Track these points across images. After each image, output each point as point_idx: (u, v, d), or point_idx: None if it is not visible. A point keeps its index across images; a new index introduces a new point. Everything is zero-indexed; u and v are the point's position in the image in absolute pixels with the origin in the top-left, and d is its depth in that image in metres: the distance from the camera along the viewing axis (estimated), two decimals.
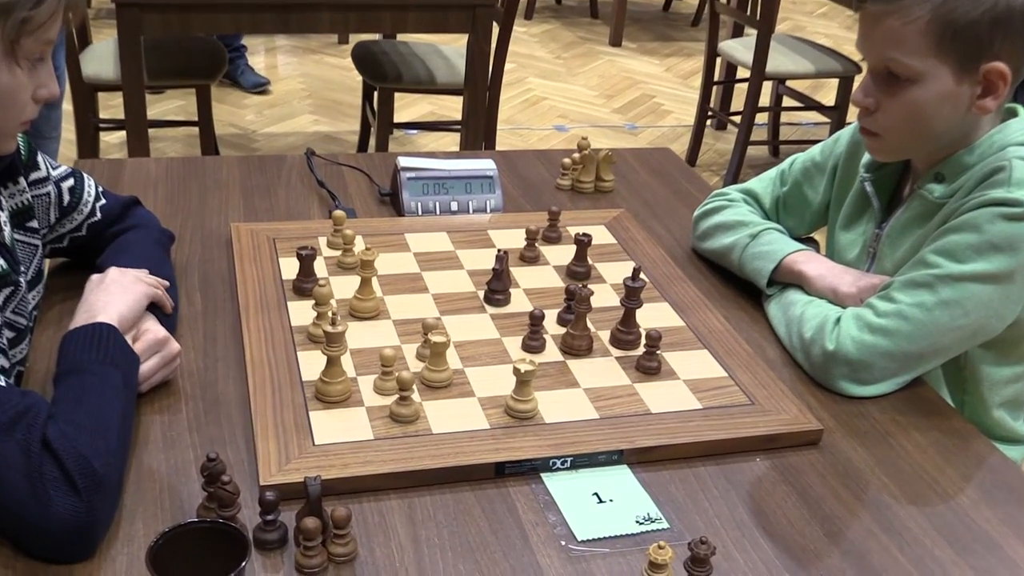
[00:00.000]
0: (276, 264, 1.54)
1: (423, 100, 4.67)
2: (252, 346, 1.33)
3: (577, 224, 1.75)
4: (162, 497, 1.10)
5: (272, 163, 1.95)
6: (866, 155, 1.53)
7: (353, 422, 1.21)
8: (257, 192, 1.82)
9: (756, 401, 1.32)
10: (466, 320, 1.45)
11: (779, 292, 1.53)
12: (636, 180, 2.03)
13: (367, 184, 1.89)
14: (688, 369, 1.38)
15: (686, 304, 1.53)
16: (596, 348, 1.41)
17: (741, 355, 1.41)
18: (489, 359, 1.36)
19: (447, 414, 1.24)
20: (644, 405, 1.30)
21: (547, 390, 1.31)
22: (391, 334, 1.40)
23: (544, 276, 1.59)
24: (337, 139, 4.21)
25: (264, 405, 1.22)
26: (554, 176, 1.98)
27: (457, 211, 1.77)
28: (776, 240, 1.55)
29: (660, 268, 1.63)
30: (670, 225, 1.84)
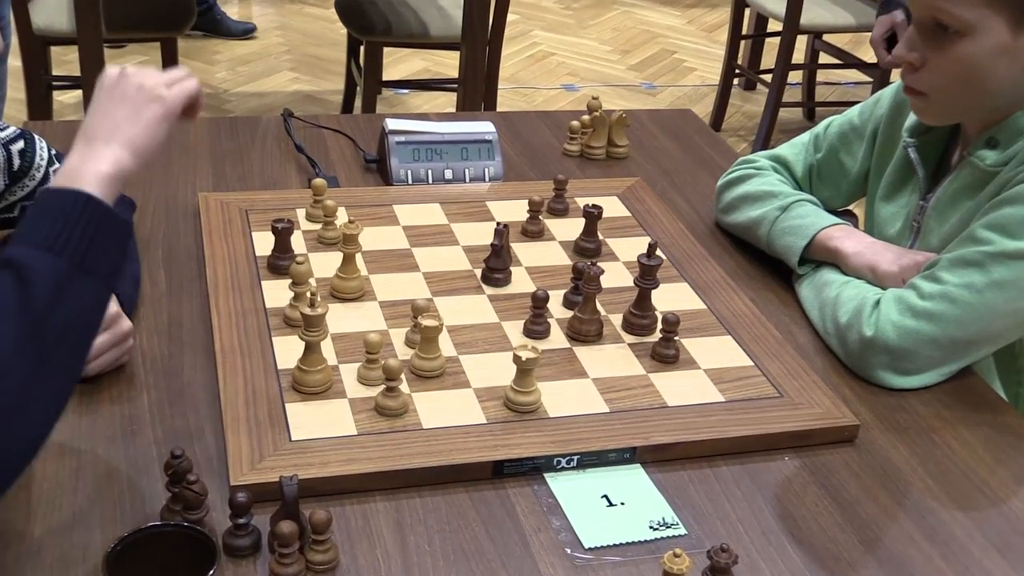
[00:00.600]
0: (249, 239, 1.54)
1: (415, 56, 4.66)
2: (222, 330, 1.33)
3: (586, 194, 1.74)
4: (121, 499, 1.11)
5: (245, 126, 1.94)
6: (911, 118, 1.52)
7: (334, 415, 1.22)
8: (228, 158, 1.82)
9: (785, 393, 1.32)
10: (461, 302, 1.44)
11: (812, 272, 1.53)
12: (653, 145, 2.02)
13: (351, 149, 1.89)
14: (709, 357, 1.38)
15: (708, 285, 1.53)
16: (606, 334, 1.41)
17: (769, 342, 1.41)
18: (487, 345, 1.36)
19: (439, 407, 1.25)
20: (660, 397, 1.30)
21: (551, 380, 1.31)
22: (377, 317, 1.39)
23: (549, 253, 1.58)
24: (318, 99, 4.21)
25: (235, 396, 1.23)
26: (561, 141, 1.98)
27: (452, 180, 1.77)
28: (809, 213, 1.55)
29: (679, 244, 1.63)
30: (691, 196, 1.84)
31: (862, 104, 1.65)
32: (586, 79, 4.67)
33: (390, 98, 4.27)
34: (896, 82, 1.53)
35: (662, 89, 4.65)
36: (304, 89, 4.29)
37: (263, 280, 1.44)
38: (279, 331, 1.34)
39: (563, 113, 2.16)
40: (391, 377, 1.21)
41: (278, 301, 1.39)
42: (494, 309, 1.44)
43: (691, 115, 2.21)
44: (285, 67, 4.47)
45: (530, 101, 4.41)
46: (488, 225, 1.61)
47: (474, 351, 1.35)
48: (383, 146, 1.77)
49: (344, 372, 1.28)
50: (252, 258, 1.49)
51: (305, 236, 1.56)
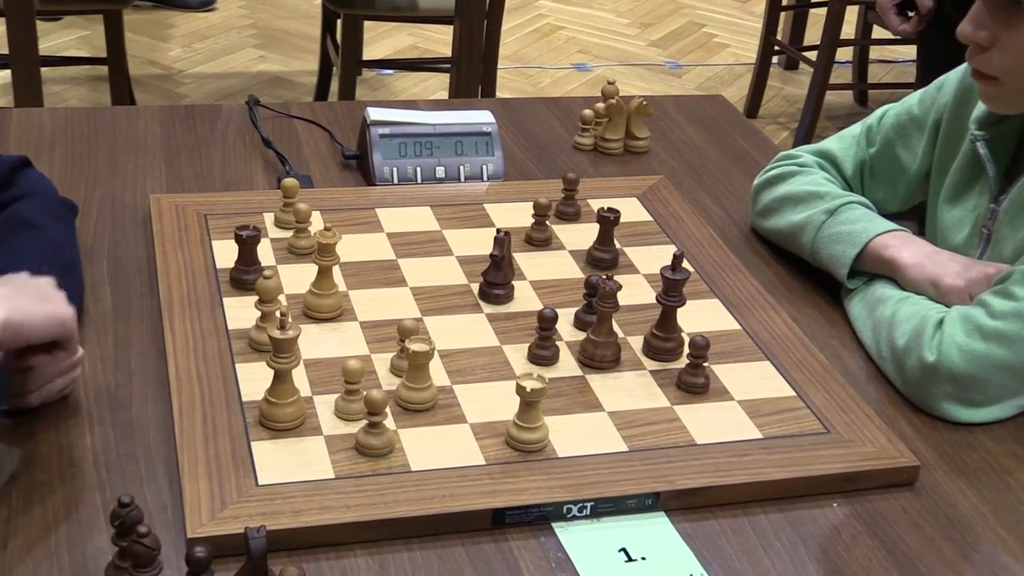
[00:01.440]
0: (208, 248, 1.54)
1: (401, 31, 4.67)
2: (177, 356, 1.34)
3: (601, 196, 1.75)
4: (59, 554, 1.11)
5: (203, 115, 1.95)
6: (979, 107, 1.53)
7: (308, 456, 1.22)
8: (184, 153, 1.83)
9: (833, 428, 1.33)
10: (455, 322, 1.45)
11: (864, 286, 1.53)
12: (679, 138, 2.03)
13: (327, 143, 1.89)
14: (744, 387, 1.38)
15: (742, 301, 1.54)
16: (624, 359, 1.41)
17: (814, 368, 1.42)
18: (485, 374, 1.37)
19: (430, 446, 1.25)
20: (687, 434, 1.30)
21: (560, 414, 1.31)
22: (358, 341, 1.40)
23: (557, 265, 1.59)
24: (289, 82, 4.22)
25: (192, 433, 1.23)
26: (572, 132, 1.99)
27: (444, 179, 1.77)
28: (860, 218, 1.56)
29: (709, 254, 1.64)
30: (723, 197, 1.84)
31: (923, 90, 1.66)
32: (600, 57, 4.69)
33: (372, 80, 4.28)
34: (963, 65, 1.54)
35: (689, 69, 4.66)
36: (272, 70, 4.30)
37: (225, 297, 1.45)
38: (244, 357, 1.35)
39: (573, 99, 2.17)
40: (374, 411, 1.21)
41: (242, 322, 1.40)
42: (494, 331, 1.44)
43: (722, 101, 2.21)
44: (249, 44, 4.48)
45: (535, 84, 4.42)
46: (487, 232, 1.61)
47: (471, 380, 1.35)
48: (364, 139, 1.78)
49: (319, 405, 1.29)
50: (212, 271, 1.50)
51: (274, 245, 1.57)
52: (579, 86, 4.40)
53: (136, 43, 4.29)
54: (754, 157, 1.97)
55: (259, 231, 1.47)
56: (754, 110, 4.26)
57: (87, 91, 3.99)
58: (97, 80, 4.01)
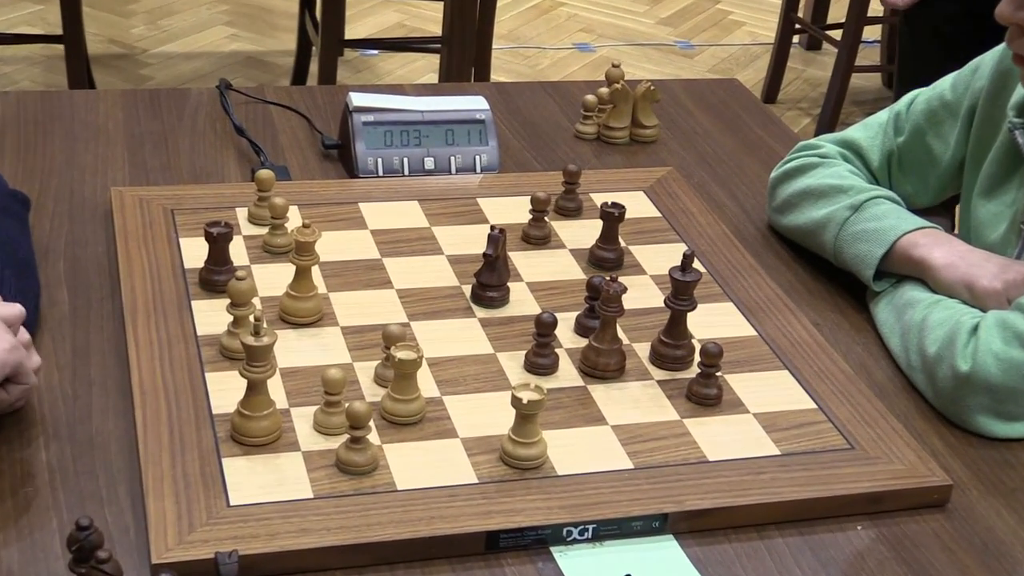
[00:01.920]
0: (176, 247, 1.55)
1: (387, 7, 4.67)
2: (141, 364, 1.34)
3: (605, 190, 1.76)
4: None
5: (170, 100, 1.95)
6: (1018, 92, 1.53)
7: (284, 473, 1.22)
8: (149, 142, 1.83)
9: (857, 444, 1.33)
10: (446, 328, 1.46)
11: (892, 288, 1.54)
12: (690, 125, 2.03)
13: (306, 131, 1.90)
14: (761, 398, 1.39)
15: (759, 305, 1.54)
16: (630, 368, 1.42)
17: (837, 378, 1.43)
18: (478, 384, 1.37)
19: (418, 462, 1.25)
20: (698, 450, 1.31)
21: (560, 428, 1.32)
22: (339, 348, 1.41)
23: (557, 265, 1.60)
24: (264, 64, 4.22)
25: (158, 448, 1.23)
26: (573, 120, 1.99)
27: (434, 171, 1.78)
28: (887, 214, 1.56)
29: (722, 253, 1.64)
30: (737, 191, 1.85)
31: (957, 74, 1.66)
32: (605, 37, 4.69)
33: (355, 62, 4.29)
34: (1001, 46, 1.54)
35: (701, 50, 4.66)
36: (245, 50, 4.30)
37: (194, 300, 1.45)
38: (214, 365, 1.35)
39: (575, 83, 2.17)
40: (357, 424, 1.22)
41: (213, 327, 1.40)
42: (487, 337, 1.45)
43: (738, 85, 2.22)
44: (220, 21, 4.48)
45: (533, 66, 4.42)
46: (480, 229, 1.62)
47: (462, 391, 1.36)
48: (346, 127, 1.78)
49: (297, 418, 1.29)
50: (180, 272, 1.50)
51: (247, 243, 1.57)
52: (581, 68, 4.40)
53: (95, 19, 4.29)
54: (772, 147, 1.97)
55: (231, 228, 1.48)
56: (772, 95, 4.26)
57: (41, 72, 3.99)
58: (52, 60, 4.01)
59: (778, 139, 2.00)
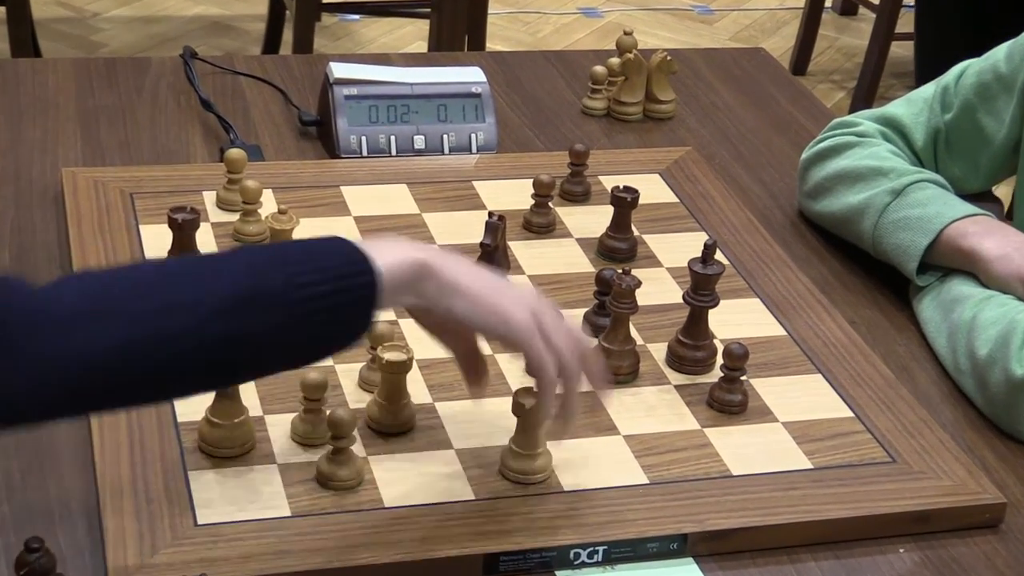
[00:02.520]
0: (135, 234, 1.54)
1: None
2: None
3: (616, 172, 1.75)
4: None
5: (128, 70, 1.95)
6: None
7: (258, 489, 1.22)
8: (104, 117, 1.83)
9: (899, 457, 1.33)
10: None
11: (937, 283, 1.54)
12: (710, 100, 2.03)
13: (280, 106, 1.89)
14: (791, 405, 1.39)
15: (789, 301, 1.54)
16: (644, 371, 1.42)
17: (876, 383, 1.42)
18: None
19: (408, 477, 1.25)
20: (721, 463, 1.31)
21: (569, 437, 1.30)
22: None
23: (562, 256, 1.60)
24: (232, 30, 4.22)
25: (116, 460, 1.23)
26: (579, 94, 1.99)
27: (425, 150, 1.78)
28: (933, 199, 1.56)
29: (748, 243, 1.64)
30: (764, 173, 1.85)
31: (1012, 43, 1.66)
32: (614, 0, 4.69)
33: (334, 28, 4.28)
34: None
35: (722, 15, 4.67)
36: (210, 14, 4.30)
37: None
38: None
39: (582, 53, 2.17)
40: (339, 434, 1.21)
41: None
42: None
43: (764, 55, 2.22)
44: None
45: (534, 33, 4.42)
46: (476, 216, 1.61)
47: (457, 396, 1.35)
48: (326, 102, 1.78)
49: (272, 426, 1.29)
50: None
51: (216, 231, 1.57)
52: (588, 36, 4.40)
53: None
54: (802, 124, 1.97)
55: (198, 214, 1.47)
56: (802, 66, 4.26)
57: None
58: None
59: (809, 115, 2.01)
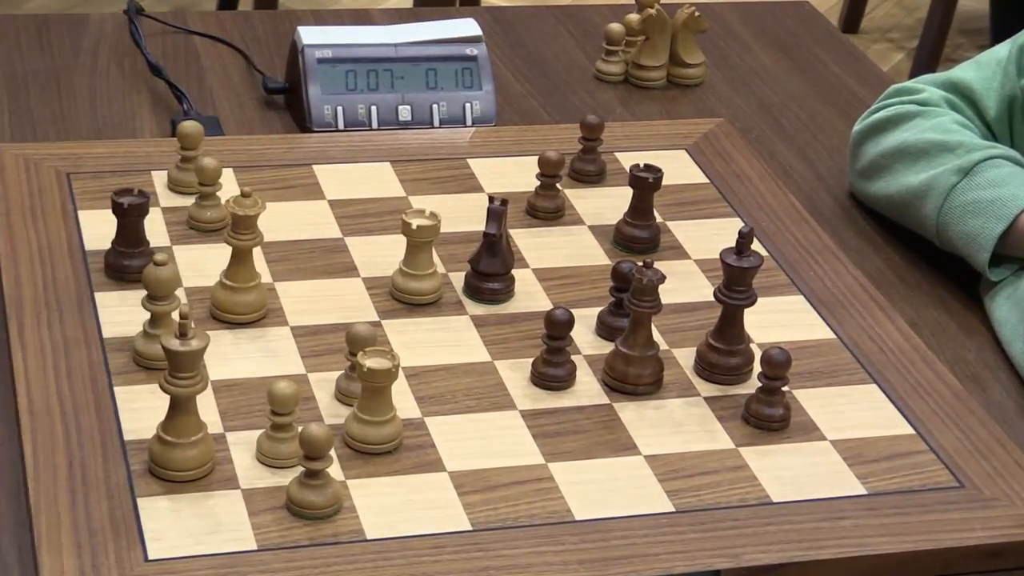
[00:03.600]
0: (74, 221, 1.56)
1: None
2: (29, 376, 1.35)
3: (635, 148, 1.77)
4: None
5: (63, 29, 1.96)
6: None
7: (219, 518, 1.23)
8: (35, 85, 1.84)
9: (968, 481, 1.34)
10: (428, 328, 1.47)
11: (1013, 278, 1.55)
12: (746, 64, 2.05)
13: (242, 71, 1.91)
14: (841, 420, 1.40)
15: (838, 299, 1.56)
16: (669, 381, 1.43)
17: (942, 395, 1.44)
18: (471, 401, 1.39)
19: (393, 504, 1.26)
20: (759, 488, 1.32)
21: (578, 458, 1.33)
22: (289, 354, 1.42)
23: (572, 246, 1.61)
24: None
25: (53, 486, 1.24)
26: (593, 56, 2.00)
27: (411, 123, 1.79)
28: (1009, 179, 1.57)
29: (790, 231, 1.66)
30: (810, 149, 1.86)
31: None
32: None
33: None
34: None
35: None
36: None
37: (97, 292, 1.47)
38: (126, 377, 1.37)
39: (595, 8, 2.17)
40: (313, 454, 1.22)
41: (124, 327, 1.42)
42: (483, 340, 1.46)
43: (809, 9, 2.22)
44: None
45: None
46: (473, 199, 1.64)
47: (450, 410, 1.37)
48: (295, 66, 1.79)
49: (235, 446, 1.30)
50: (79, 255, 1.51)
51: (168, 217, 1.58)
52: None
53: None
54: (854, 91, 1.98)
55: (147, 197, 1.48)
56: (854, 22, 4.25)
57: None
58: None
59: (862, 81, 2.01)
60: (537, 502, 1.28)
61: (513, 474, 1.30)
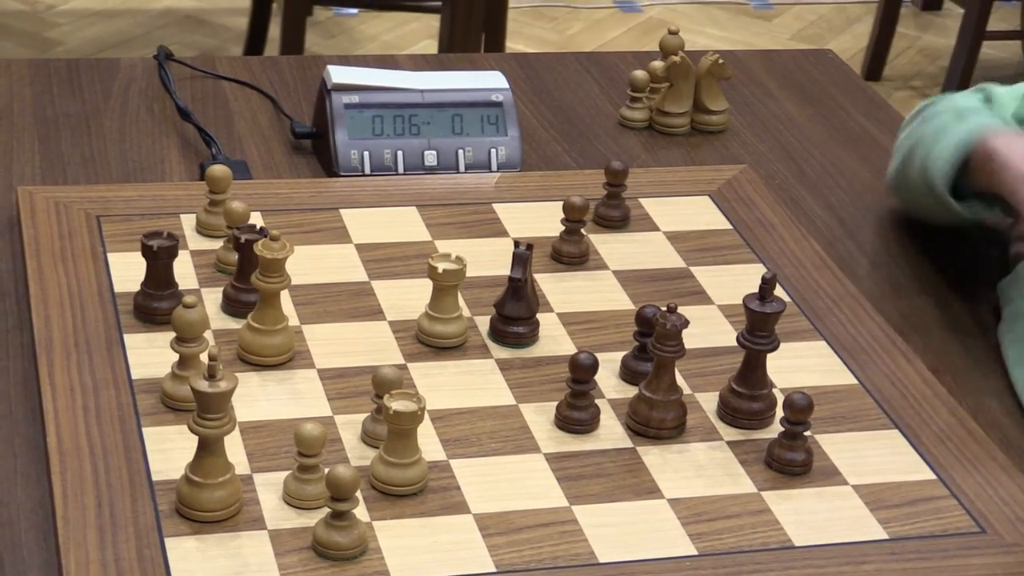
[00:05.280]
0: (103, 263, 1.57)
1: None
2: (59, 417, 1.36)
3: (660, 193, 1.78)
4: None
5: (93, 73, 1.98)
6: None
7: (245, 558, 1.24)
8: (66, 128, 1.85)
9: (990, 527, 1.34)
10: (454, 371, 1.48)
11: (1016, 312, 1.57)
12: (769, 111, 2.06)
13: (270, 115, 1.92)
14: (863, 466, 1.41)
15: (860, 344, 1.57)
16: (692, 425, 1.44)
17: (963, 441, 1.44)
18: (496, 444, 1.40)
19: (418, 545, 1.27)
20: (781, 532, 1.32)
21: (602, 501, 1.34)
22: (316, 396, 1.43)
23: (597, 290, 1.63)
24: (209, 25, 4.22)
25: (82, 526, 1.24)
26: (617, 103, 2.01)
27: (437, 168, 1.80)
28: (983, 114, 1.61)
29: (812, 277, 1.67)
30: (832, 195, 1.87)
31: None
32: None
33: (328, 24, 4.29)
34: None
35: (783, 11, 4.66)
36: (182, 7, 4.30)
37: (127, 334, 1.48)
38: (154, 418, 1.38)
39: (618, 55, 2.18)
40: (339, 495, 1.23)
41: (152, 369, 1.43)
42: (508, 383, 1.47)
43: (831, 57, 2.23)
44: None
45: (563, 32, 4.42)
46: (498, 244, 1.65)
47: (475, 453, 1.38)
48: (323, 111, 1.80)
49: (262, 487, 1.31)
50: (108, 297, 1.52)
51: (196, 260, 1.60)
52: (626, 34, 4.40)
53: None
54: (876, 138, 1.99)
55: (176, 240, 1.50)
56: (877, 69, 4.26)
57: None
58: None
59: (884, 128, 2.02)
60: (561, 544, 1.28)
61: (537, 516, 1.31)
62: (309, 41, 3.75)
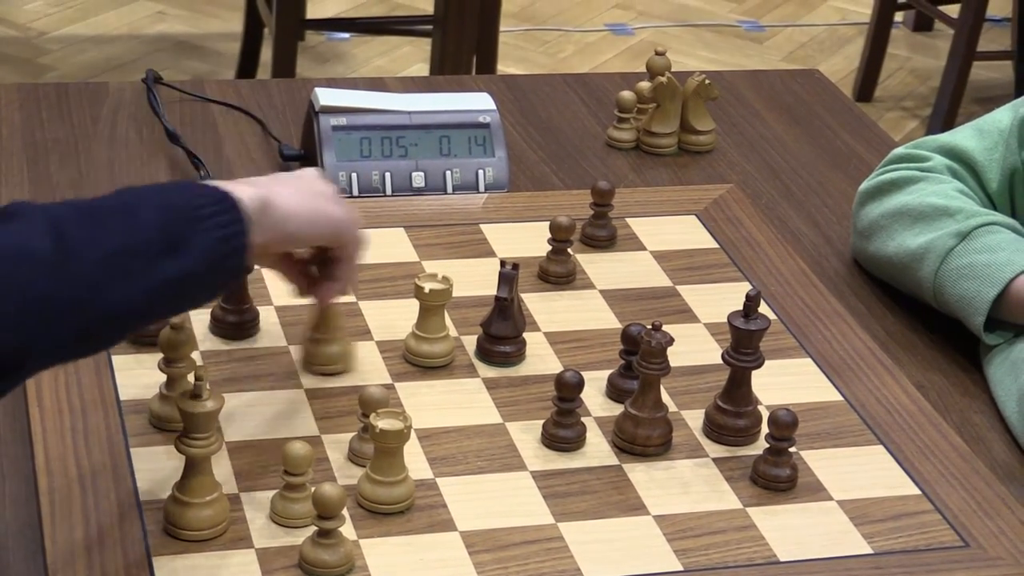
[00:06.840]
0: None
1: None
2: (47, 438, 1.37)
3: (647, 213, 1.79)
4: None
5: (82, 97, 1.98)
6: None
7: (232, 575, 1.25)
8: (55, 152, 1.86)
9: (973, 540, 1.35)
10: (441, 391, 1.49)
11: (1008, 344, 1.56)
12: (756, 130, 2.06)
13: (258, 138, 1.93)
14: (848, 481, 1.41)
15: (845, 361, 1.57)
16: (678, 442, 1.44)
17: (947, 456, 1.45)
18: (482, 462, 1.40)
19: (405, 564, 1.28)
20: (766, 547, 1.33)
21: (588, 518, 1.35)
22: (302, 415, 1.44)
23: (584, 309, 1.63)
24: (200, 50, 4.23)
25: (69, 547, 1.25)
26: (604, 123, 2.02)
27: (424, 189, 1.81)
28: (1005, 244, 1.58)
29: (797, 295, 1.67)
30: (819, 215, 1.88)
31: None
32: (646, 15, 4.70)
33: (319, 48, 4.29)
34: None
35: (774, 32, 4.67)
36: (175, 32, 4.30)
37: (115, 355, 1.48)
38: (142, 439, 1.38)
39: (607, 76, 2.18)
40: (326, 513, 1.23)
41: (140, 390, 1.44)
42: (494, 402, 1.48)
43: (819, 78, 2.23)
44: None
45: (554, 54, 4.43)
46: (485, 264, 1.65)
47: (462, 471, 1.38)
48: (311, 133, 1.81)
49: (249, 505, 1.32)
50: None
51: None
52: (616, 57, 4.40)
53: None
54: (864, 158, 2.00)
55: None
56: (868, 90, 4.26)
57: None
58: None
59: (873, 148, 2.03)
60: (547, 561, 1.29)
61: (524, 534, 1.31)
62: (301, 66, 3.75)
